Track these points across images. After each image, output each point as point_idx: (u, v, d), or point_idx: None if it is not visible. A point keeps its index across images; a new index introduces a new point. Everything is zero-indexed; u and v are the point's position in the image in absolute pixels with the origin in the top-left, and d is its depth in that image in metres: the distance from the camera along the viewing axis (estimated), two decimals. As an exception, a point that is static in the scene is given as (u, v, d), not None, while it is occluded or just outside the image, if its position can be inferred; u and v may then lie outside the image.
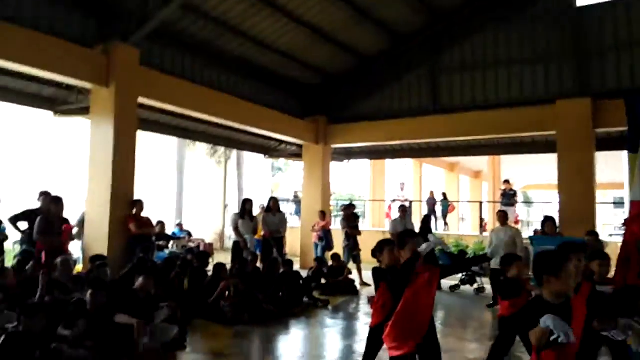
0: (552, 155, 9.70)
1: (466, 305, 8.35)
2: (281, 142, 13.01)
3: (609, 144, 9.53)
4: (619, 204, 17.19)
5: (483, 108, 10.26)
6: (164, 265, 7.06)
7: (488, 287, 8.45)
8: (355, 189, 25.93)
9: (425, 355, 3.18)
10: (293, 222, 16.32)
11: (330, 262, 9.28)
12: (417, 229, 9.67)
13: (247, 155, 16.65)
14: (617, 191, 19.22)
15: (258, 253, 8.53)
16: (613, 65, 8.98)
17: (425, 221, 9.94)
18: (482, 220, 16.32)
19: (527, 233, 11.44)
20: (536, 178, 21.73)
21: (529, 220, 21.75)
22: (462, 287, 9.29)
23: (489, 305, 7.74)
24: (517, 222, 17.36)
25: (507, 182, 14.79)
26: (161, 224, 9.96)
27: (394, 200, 16.19)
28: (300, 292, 7.44)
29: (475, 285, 9.19)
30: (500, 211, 8.54)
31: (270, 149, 13.92)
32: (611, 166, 11.48)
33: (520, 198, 23.16)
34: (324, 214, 10.78)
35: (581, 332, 2.52)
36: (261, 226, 8.75)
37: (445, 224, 17.00)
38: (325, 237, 10.56)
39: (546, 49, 9.67)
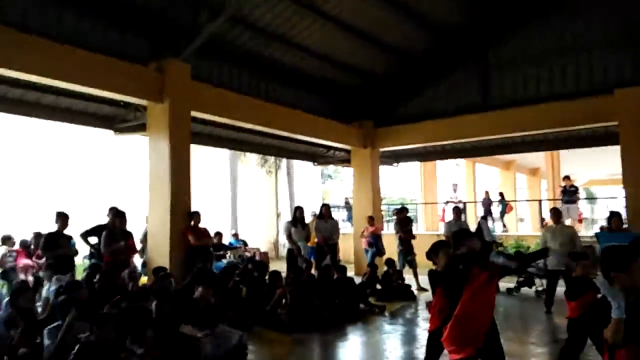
0: (614, 148, 9.19)
1: (527, 308, 8.04)
2: (329, 148, 13.09)
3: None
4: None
5: (536, 102, 9.87)
6: (222, 274, 7.25)
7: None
8: (407, 193, 25.57)
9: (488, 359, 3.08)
10: (345, 228, 16.35)
11: (385, 268, 9.20)
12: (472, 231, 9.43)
13: (297, 164, 16.85)
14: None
15: (312, 260, 8.60)
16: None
17: (481, 223, 9.64)
18: (542, 219, 15.64)
19: (592, 231, 10.88)
20: (598, 173, 20.64)
21: (593, 218, 20.63)
22: (522, 290, 8.93)
23: (546, 311, 7.37)
24: (580, 221, 16.54)
25: (567, 178, 14.11)
26: (219, 234, 10.26)
27: (447, 202, 15.82)
28: (355, 298, 7.43)
29: (534, 288, 8.81)
30: (553, 208, 8.15)
31: (318, 156, 14.04)
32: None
33: (582, 195, 22.07)
34: (372, 219, 10.72)
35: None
36: (314, 233, 8.82)
37: (504, 225, 16.43)
38: (375, 242, 10.49)
39: (602, 36, 9.20)
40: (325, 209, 8.72)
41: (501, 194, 17.55)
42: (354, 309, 7.23)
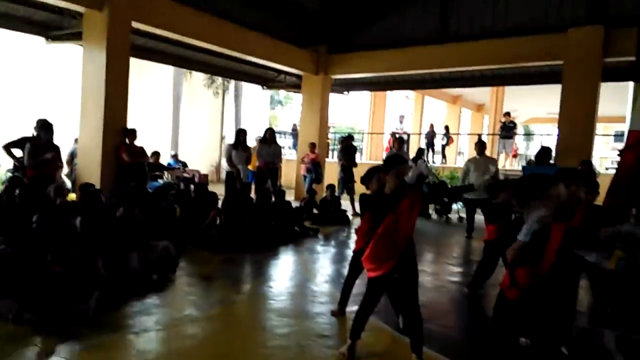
0: (555, 87, 9.37)
1: (450, 233, 8.47)
2: (280, 72, 12.65)
3: (617, 74, 9.16)
4: (619, 136, 16.94)
5: (492, 36, 9.74)
6: (155, 193, 7.07)
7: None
8: (356, 122, 25.61)
9: (402, 277, 3.19)
10: (290, 155, 16.31)
11: (324, 194, 9.31)
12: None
13: (246, 87, 16.29)
14: (619, 125, 18.87)
15: (252, 183, 8.54)
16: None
17: (419, 153, 9.90)
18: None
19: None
20: (539, 111, 21.36)
21: (527, 154, 21.61)
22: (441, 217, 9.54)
23: (467, 236, 7.89)
24: (515, 155, 17.32)
25: (507, 114, 14.54)
26: (156, 154, 9.92)
27: (393, 134, 15.98)
28: (290, 221, 7.52)
29: (452, 215, 9.34)
30: (478, 140, 8.42)
31: (268, 80, 13.60)
32: (615, 99, 11.17)
33: (520, 131, 22.97)
34: (314, 146, 10.67)
35: (554, 255, 2.52)
36: (256, 157, 8.69)
37: (444, 156, 16.94)
38: (315, 169, 10.51)
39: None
40: (269, 133, 8.53)
41: (446, 127, 17.93)
42: (289, 231, 7.31)
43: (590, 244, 2.73)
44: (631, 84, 7.34)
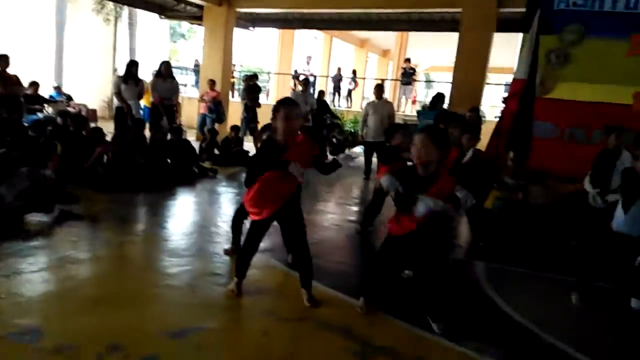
0: (456, 35, 9.69)
1: (350, 175, 8.70)
2: (179, 0, 11.68)
3: (510, 25, 9.66)
4: (509, 86, 18.23)
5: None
6: (32, 128, 6.36)
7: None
8: (263, 62, 24.83)
9: (286, 221, 3.17)
10: (193, 93, 15.50)
11: (227, 134, 9.02)
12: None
13: (142, 15, 14.89)
14: (510, 76, 20.23)
15: (145, 120, 7.98)
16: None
17: (321, 100, 9.93)
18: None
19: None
20: (440, 60, 22.18)
21: (426, 100, 22.58)
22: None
23: (364, 178, 8.19)
24: (414, 102, 18.02)
25: (408, 60, 14.93)
26: (34, 84, 8.88)
27: (298, 75, 15.75)
28: (188, 161, 7.21)
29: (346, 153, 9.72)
30: (377, 85, 8.61)
31: (166, 9, 12.53)
32: (509, 50, 11.87)
33: (422, 78, 23.83)
34: (213, 83, 10.18)
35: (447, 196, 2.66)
36: (150, 92, 8.07)
37: (350, 100, 17.15)
38: (216, 108, 10.10)
39: None
40: (165, 66, 7.89)
41: (354, 72, 18.03)
42: (186, 171, 7.03)
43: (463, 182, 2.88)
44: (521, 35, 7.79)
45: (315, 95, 10.73)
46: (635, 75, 6.02)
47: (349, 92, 17.15)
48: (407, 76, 14.62)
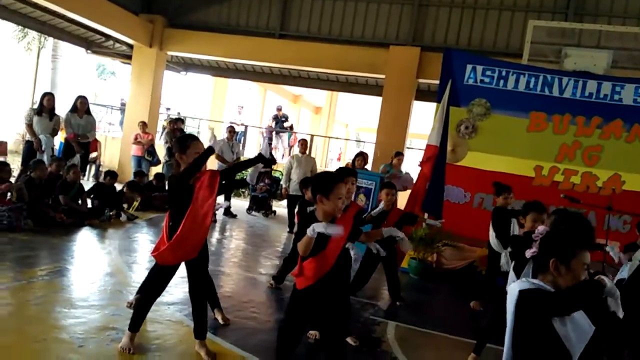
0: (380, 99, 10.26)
1: (272, 228, 8.66)
2: (107, 37, 11.46)
3: (428, 95, 10.42)
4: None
5: (328, 41, 10.27)
6: None
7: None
8: (196, 108, 24.63)
9: (191, 267, 3.10)
10: (116, 132, 14.97)
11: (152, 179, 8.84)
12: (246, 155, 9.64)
13: (67, 48, 14.38)
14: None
15: (59, 157, 7.52)
16: (445, 20, 9.63)
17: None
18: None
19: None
20: (368, 121, 23.20)
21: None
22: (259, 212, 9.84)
23: (289, 231, 8.15)
24: (339, 159, 18.40)
25: (279, 109, 15.28)
26: None
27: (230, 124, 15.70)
28: (106, 203, 6.87)
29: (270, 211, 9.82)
30: (301, 139, 8.84)
31: (93, 44, 12.22)
32: (425, 118, 12.69)
33: (353, 136, 24.72)
34: (145, 125, 9.93)
35: (339, 249, 2.66)
36: (64, 127, 7.67)
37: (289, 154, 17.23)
38: (153, 151, 9.86)
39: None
40: (81, 101, 7.55)
41: (291, 126, 18.28)
42: (100, 214, 6.66)
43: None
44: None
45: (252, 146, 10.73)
46: (535, 150, 6.66)
47: (291, 146, 17.20)
48: (280, 124, 14.90)
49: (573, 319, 1.85)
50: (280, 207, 10.15)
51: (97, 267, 4.88)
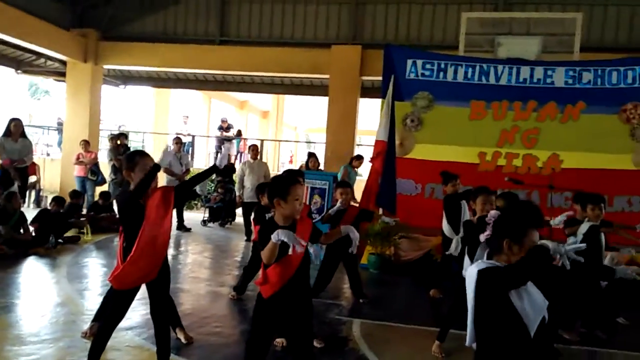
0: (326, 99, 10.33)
1: (231, 238, 8.56)
2: (38, 54, 10.93)
3: (373, 92, 10.58)
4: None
5: (269, 44, 10.23)
6: None
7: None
8: (139, 121, 23.92)
9: (153, 290, 2.99)
10: (55, 153, 14.31)
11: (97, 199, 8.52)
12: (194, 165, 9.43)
13: (-5, 69, 13.60)
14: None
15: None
16: (382, 17, 9.81)
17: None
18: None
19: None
20: (317, 122, 23.32)
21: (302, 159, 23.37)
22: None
23: (246, 240, 8.05)
24: (291, 161, 18.38)
25: (224, 120, 15.27)
26: None
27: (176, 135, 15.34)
28: (53, 230, 6.55)
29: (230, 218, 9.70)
30: (251, 145, 8.80)
31: (23, 63, 11.62)
32: (372, 114, 12.91)
33: (302, 138, 24.78)
34: (88, 144, 9.53)
35: (303, 252, 2.65)
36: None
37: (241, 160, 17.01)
38: (97, 170, 9.47)
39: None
40: (15, 125, 7.13)
41: (239, 132, 18.06)
42: (43, 242, 6.33)
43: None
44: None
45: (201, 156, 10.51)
46: (478, 137, 6.91)
47: (241, 153, 16.96)
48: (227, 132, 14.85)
49: (529, 294, 1.95)
50: (237, 216, 10.02)
51: (46, 298, 4.64)
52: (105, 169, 9.61)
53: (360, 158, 7.81)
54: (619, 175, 6.52)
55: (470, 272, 2.06)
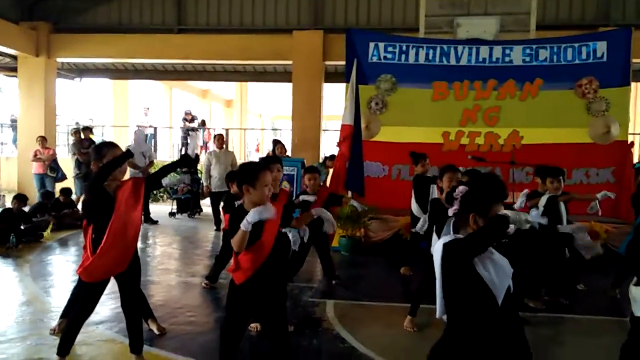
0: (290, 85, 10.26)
1: (200, 228, 8.47)
2: (-14, 50, 10.41)
3: (336, 76, 10.58)
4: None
5: (229, 31, 10.07)
6: None
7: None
8: (98, 114, 23.19)
9: (124, 282, 2.94)
10: (10, 152, 13.76)
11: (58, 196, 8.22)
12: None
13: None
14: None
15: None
16: (343, 2, 9.78)
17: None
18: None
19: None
20: (282, 109, 23.18)
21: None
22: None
23: (216, 229, 7.97)
24: (257, 150, 18.27)
25: (188, 113, 15.07)
26: None
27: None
28: (14, 230, 6.32)
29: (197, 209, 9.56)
30: (217, 134, 8.70)
31: (-30, 59, 11.05)
32: (337, 99, 12.94)
33: (268, 125, 24.62)
34: (45, 140, 9.19)
35: (274, 236, 2.64)
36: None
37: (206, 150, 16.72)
38: (57, 166, 9.15)
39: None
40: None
41: (203, 122, 17.73)
42: (4, 241, 6.13)
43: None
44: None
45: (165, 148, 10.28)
46: (441, 117, 7.03)
47: (206, 143, 16.64)
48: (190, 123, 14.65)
49: (494, 263, 2.01)
50: (205, 206, 9.89)
51: (11, 298, 4.49)
52: (66, 164, 9.31)
53: (334, 158, 7.67)
54: (576, 148, 6.77)
55: (437, 246, 2.12)
